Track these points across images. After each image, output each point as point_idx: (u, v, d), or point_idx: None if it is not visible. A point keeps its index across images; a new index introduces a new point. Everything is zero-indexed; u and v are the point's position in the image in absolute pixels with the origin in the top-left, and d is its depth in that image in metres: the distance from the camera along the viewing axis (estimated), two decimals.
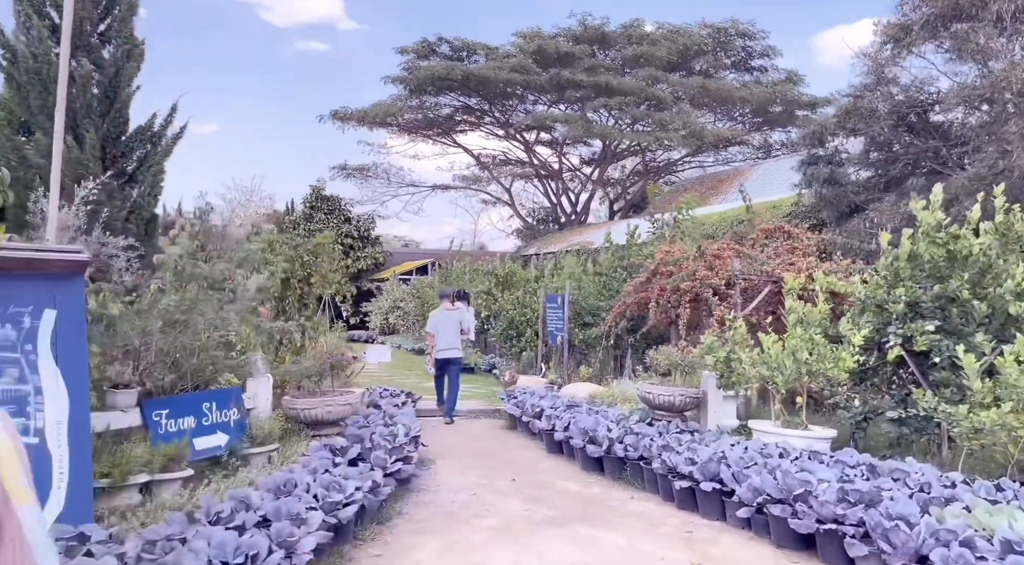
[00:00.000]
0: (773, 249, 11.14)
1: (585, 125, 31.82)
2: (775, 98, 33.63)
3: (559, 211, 42.47)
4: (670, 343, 11.48)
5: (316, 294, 7.79)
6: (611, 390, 10.25)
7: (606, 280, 13.37)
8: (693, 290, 10.09)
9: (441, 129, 40.96)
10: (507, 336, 16.15)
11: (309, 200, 36.03)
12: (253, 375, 6.93)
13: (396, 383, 15.09)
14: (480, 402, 12.11)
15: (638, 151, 41.85)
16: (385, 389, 10.59)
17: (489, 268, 18.61)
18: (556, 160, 42.29)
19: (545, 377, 12.89)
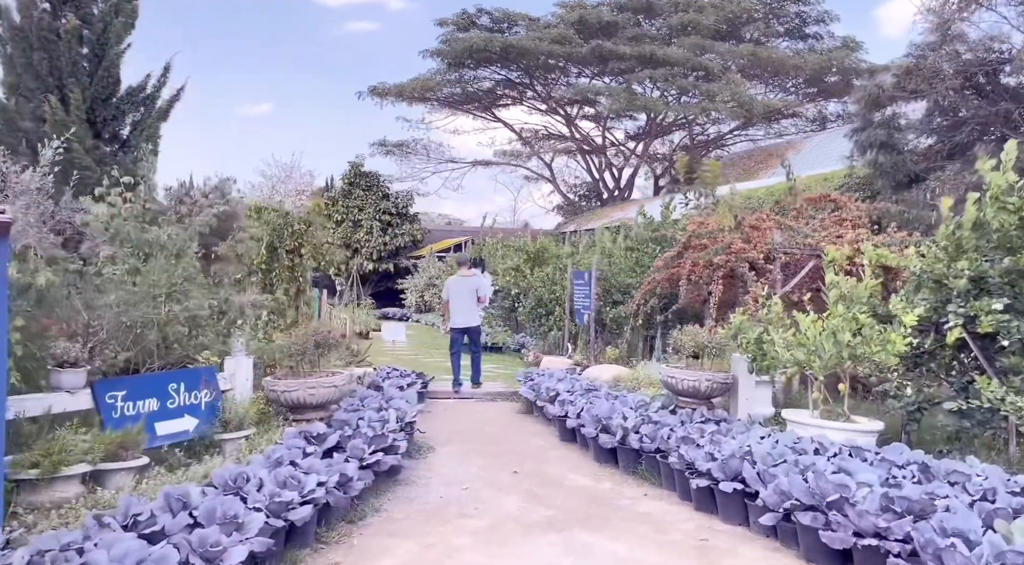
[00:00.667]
0: (819, 221, 10.15)
1: (629, 98, 30.64)
2: (831, 66, 31.86)
3: (601, 187, 41.37)
4: (704, 323, 10.61)
5: (309, 266, 7.15)
6: (636, 373, 9.46)
7: (638, 255, 12.51)
8: (727, 265, 9.20)
9: (481, 103, 40.15)
10: (535, 315, 15.42)
11: (348, 176, 35.70)
12: (232, 353, 6.35)
13: (419, 362, 14.54)
14: (501, 384, 11.44)
15: (684, 125, 40.40)
16: (394, 369, 9.99)
17: (520, 244, 17.86)
18: (599, 134, 41.12)
19: (571, 358, 12.15)
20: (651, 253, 12.08)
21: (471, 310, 10.68)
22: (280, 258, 6.98)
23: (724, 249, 9.35)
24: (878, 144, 14.14)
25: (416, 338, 20.43)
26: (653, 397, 7.78)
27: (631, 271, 12.55)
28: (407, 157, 40.65)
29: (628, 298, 12.03)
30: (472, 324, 10.74)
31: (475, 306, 10.72)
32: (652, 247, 12.18)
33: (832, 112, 38.62)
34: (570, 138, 40.22)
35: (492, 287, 12.43)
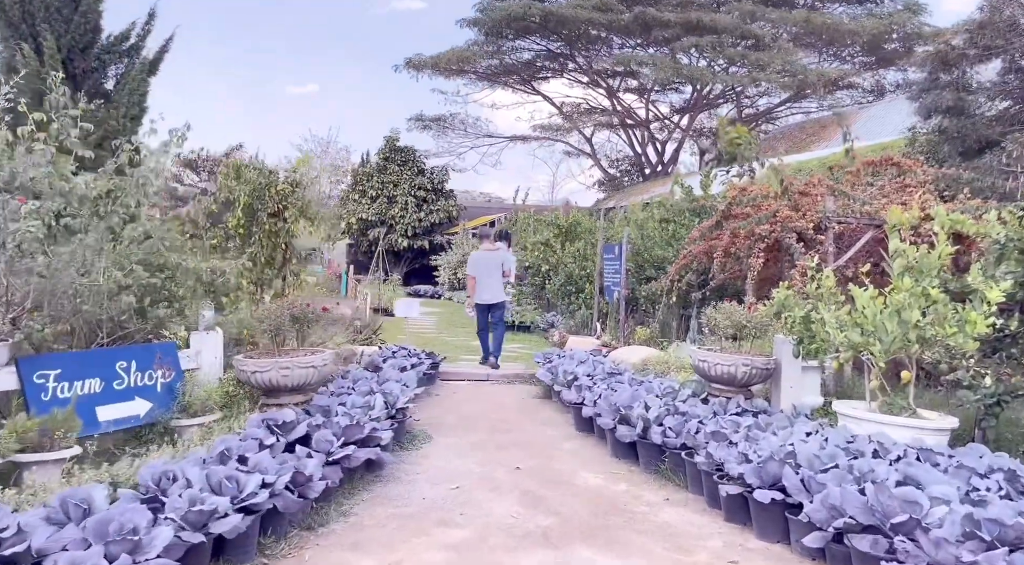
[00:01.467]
0: (878, 188, 9.01)
1: (674, 67, 29.27)
2: (891, 31, 29.95)
3: (644, 162, 40.00)
4: (744, 301, 9.59)
5: (292, 232, 6.36)
6: (667, 356, 8.52)
7: (674, 227, 11.48)
8: (772, 235, 8.15)
9: (521, 76, 39.07)
10: (565, 292, 14.50)
11: (383, 151, 35.06)
12: (198, 328, 5.61)
13: (441, 341, 13.78)
14: (522, 365, 10.59)
15: (732, 97, 38.72)
16: (402, 348, 9.20)
17: (551, 218, 16.91)
18: (642, 107, 39.72)
19: (599, 339, 11.23)
20: (688, 225, 11.05)
21: (497, 285, 10.22)
22: (260, 221, 6.19)
23: (768, 217, 8.30)
24: (945, 108, 12.80)
25: (445, 316, 19.70)
26: (683, 383, 6.85)
27: (666, 244, 11.54)
28: (444, 132, 39.86)
29: (662, 274, 11.04)
30: (497, 300, 10.28)
31: (500, 281, 10.28)
32: (689, 218, 11.15)
33: (891, 81, 36.56)
34: (612, 111, 38.91)
35: (515, 263, 11.61)
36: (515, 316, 15.82)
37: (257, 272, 6.21)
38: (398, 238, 33.78)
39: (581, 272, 14.17)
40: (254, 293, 6.33)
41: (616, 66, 34.04)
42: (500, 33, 33.53)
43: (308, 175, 6.37)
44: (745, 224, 8.38)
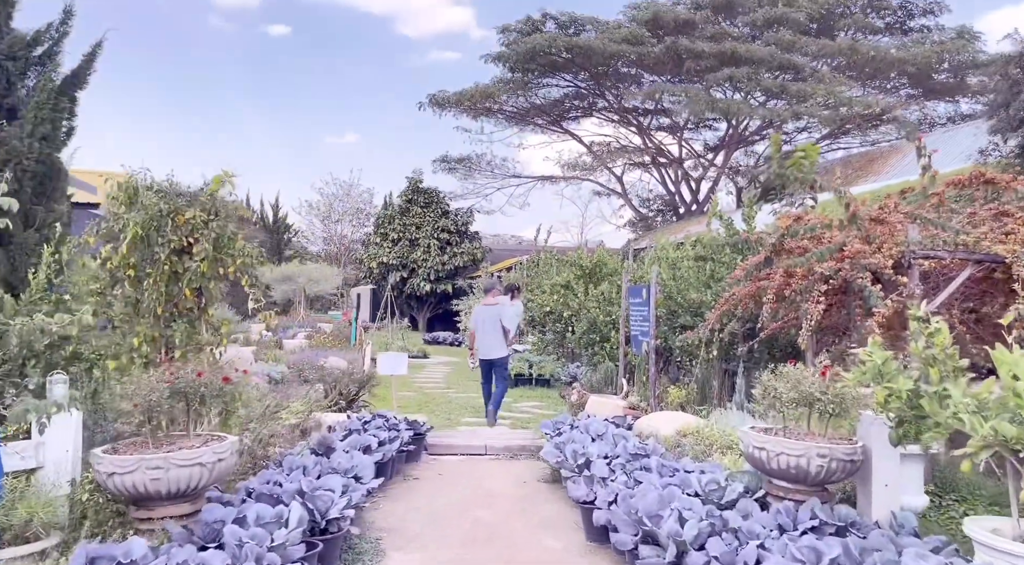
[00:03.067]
0: (966, 216, 7.18)
1: (707, 101, 27.67)
2: (943, 60, 28.05)
3: (678, 200, 38.27)
4: (805, 358, 7.76)
5: (207, 273, 4.77)
6: (709, 427, 6.70)
7: (712, 266, 9.71)
8: (838, 274, 6.36)
9: (549, 116, 37.88)
10: (588, 341, 12.74)
11: (406, 193, 33.92)
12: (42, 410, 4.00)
13: (445, 399, 12.09)
14: (531, 433, 8.81)
15: (768, 134, 37.00)
16: (379, 415, 7.46)
17: (574, 258, 15.25)
18: (675, 144, 38.14)
19: (625, 399, 9.43)
20: (729, 263, 9.28)
21: (494, 341, 9.73)
22: (157, 260, 4.61)
23: (832, 251, 6.52)
24: None
25: (460, 367, 18.00)
26: (730, 475, 5.03)
27: (703, 286, 9.77)
28: (470, 173, 38.65)
29: (699, 321, 9.25)
30: (495, 356, 9.75)
31: (499, 337, 9.76)
32: (731, 256, 9.38)
33: (941, 114, 34.58)
34: (643, 149, 37.38)
35: (518, 317, 10.68)
36: (534, 368, 14.08)
37: (148, 328, 4.61)
38: (420, 282, 32.38)
39: (606, 318, 12.42)
40: (155, 356, 4.72)
41: (647, 102, 32.63)
42: (526, 69, 32.40)
43: (230, 201, 4.72)
44: (802, 260, 6.59)
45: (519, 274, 21.23)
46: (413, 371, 16.40)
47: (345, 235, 36.18)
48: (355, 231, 36.60)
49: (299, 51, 74.32)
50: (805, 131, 36.35)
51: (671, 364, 10.26)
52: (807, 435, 4.65)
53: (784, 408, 4.62)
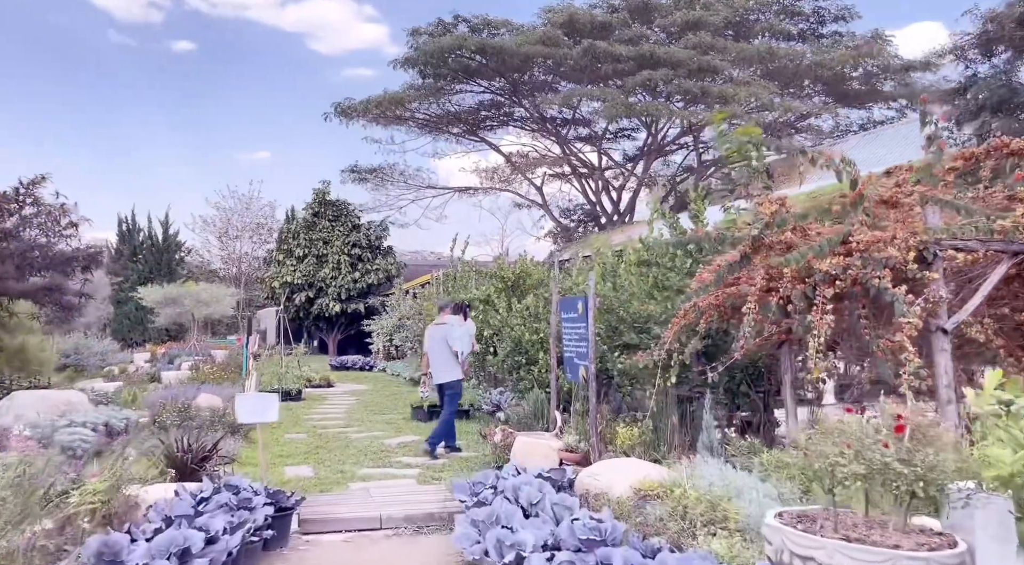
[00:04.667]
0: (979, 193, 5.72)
1: (625, 103, 26.48)
2: (858, 63, 27.76)
3: (599, 211, 37.13)
4: (783, 380, 6.18)
5: None
6: (680, 485, 4.96)
7: (657, 273, 8.05)
8: (847, 272, 4.77)
9: (465, 124, 36.17)
10: (513, 364, 10.96)
11: (312, 206, 31.46)
12: None
13: (342, 441, 10.02)
14: (445, 491, 6.89)
15: (688, 143, 36.41)
16: (227, 486, 5.36)
17: (493, 270, 13.47)
18: (595, 155, 37.04)
19: (558, 437, 7.65)
20: (679, 268, 7.64)
21: (444, 363, 9.32)
22: None
23: (834, 243, 4.92)
24: (993, 104, 9.86)
25: (370, 396, 15.88)
26: None
27: (647, 296, 8.12)
28: (383, 184, 36.48)
29: (647, 338, 7.58)
30: (442, 379, 9.36)
31: (449, 359, 9.26)
32: (682, 259, 7.74)
33: (854, 120, 34.68)
34: (564, 159, 36.07)
35: (470, 337, 9.59)
36: None
37: None
38: (329, 302, 29.93)
39: (533, 337, 10.68)
40: None
41: (564, 109, 31.34)
42: (438, 74, 30.62)
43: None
44: (797, 257, 4.96)
45: (434, 289, 19.28)
46: (311, 404, 14.22)
47: (246, 253, 33.40)
48: (256, 248, 33.85)
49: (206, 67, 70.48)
50: None
51: (611, 391, 8.56)
52: (870, 525, 2.92)
53: (837, 484, 2.88)
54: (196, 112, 70.80)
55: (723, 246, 6.46)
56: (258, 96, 73.38)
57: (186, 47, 70.92)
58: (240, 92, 72.24)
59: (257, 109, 73.64)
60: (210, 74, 70.05)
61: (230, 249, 33.13)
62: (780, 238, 5.47)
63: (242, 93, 72.09)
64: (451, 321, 9.48)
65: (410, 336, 22.17)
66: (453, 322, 9.48)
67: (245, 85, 72.99)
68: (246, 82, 73.08)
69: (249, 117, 74.54)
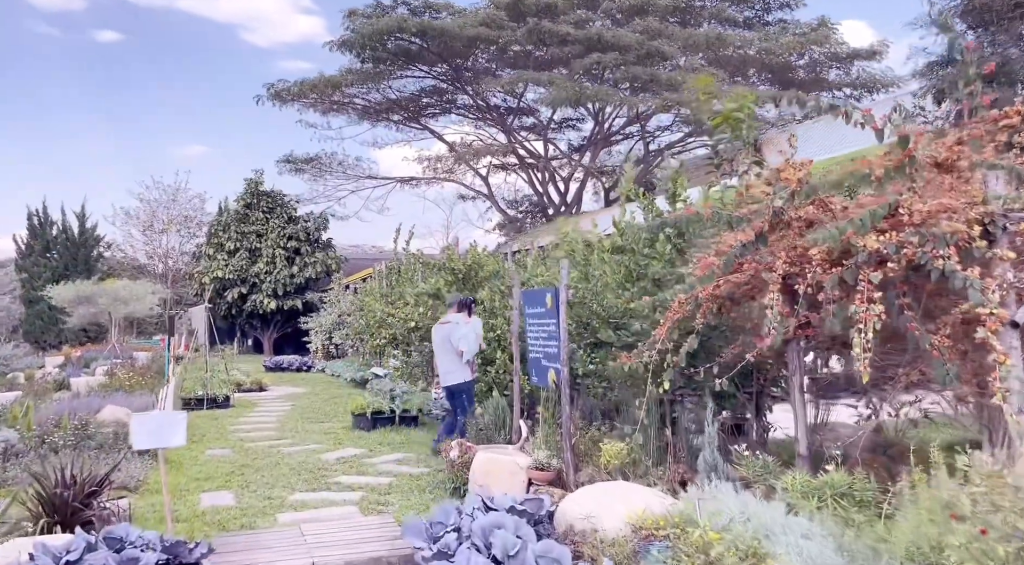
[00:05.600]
0: None
1: (574, 87, 25.53)
2: (804, 50, 27.46)
3: (546, 202, 36.23)
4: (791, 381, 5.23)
5: None
6: (689, 517, 3.95)
7: (633, 262, 7.04)
8: (902, 251, 3.82)
9: (407, 113, 34.77)
10: None
11: (244, 197, 29.64)
12: None
13: (274, 458, 8.77)
14: (393, 526, 5.75)
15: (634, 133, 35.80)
16: (110, 536, 4.11)
17: (442, 262, 12.29)
18: (539, 142, 36.09)
19: (524, 450, 6.59)
20: (663, 255, 6.63)
21: (448, 365, 8.68)
22: None
23: (877, 216, 3.96)
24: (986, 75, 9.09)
25: (309, 401, 14.55)
26: None
27: (619, 288, 7.12)
28: (320, 175, 34.79)
29: (625, 335, 6.57)
30: (450, 382, 8.68)
31: (455, 360, 8.57)
32: (662, 245, 6.73)
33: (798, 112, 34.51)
34: (510, 149, 34.97)
35: (476, 336, 8.60)
36: (398, 401, 10.96)
37: None
38: (264, 298, 28.24)
39: (488, 334, 9.57)
40: None
41: (509, 95, 30.28)
42: (377, 57, 29.15)
43: None
44: (830, 234, 3.99)
45: (376, 283, 17.99)
46: (240, 412, 12.84)
47: (173, 248, 31.32)
48: (184, 242, 31.80)
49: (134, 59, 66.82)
50: (668, 130, 35.44)
51: (580, 395, 7.53)
52: None
53: None
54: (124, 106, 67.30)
55: (718, 227, 5.49)
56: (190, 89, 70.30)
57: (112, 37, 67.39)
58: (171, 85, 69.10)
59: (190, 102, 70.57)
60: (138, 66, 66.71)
61: (155, 244, 30.97)
62: (799, 214, 4.50)
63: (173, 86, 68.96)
64: (456, 319, 8.67)
65: (351, 334, 20.81)
66: (458, 320, 8.64)
67: (176, 78, 69.81)
68: (177, 75, 69.91)
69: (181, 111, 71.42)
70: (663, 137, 36.00)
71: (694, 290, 4.97)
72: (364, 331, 17.03)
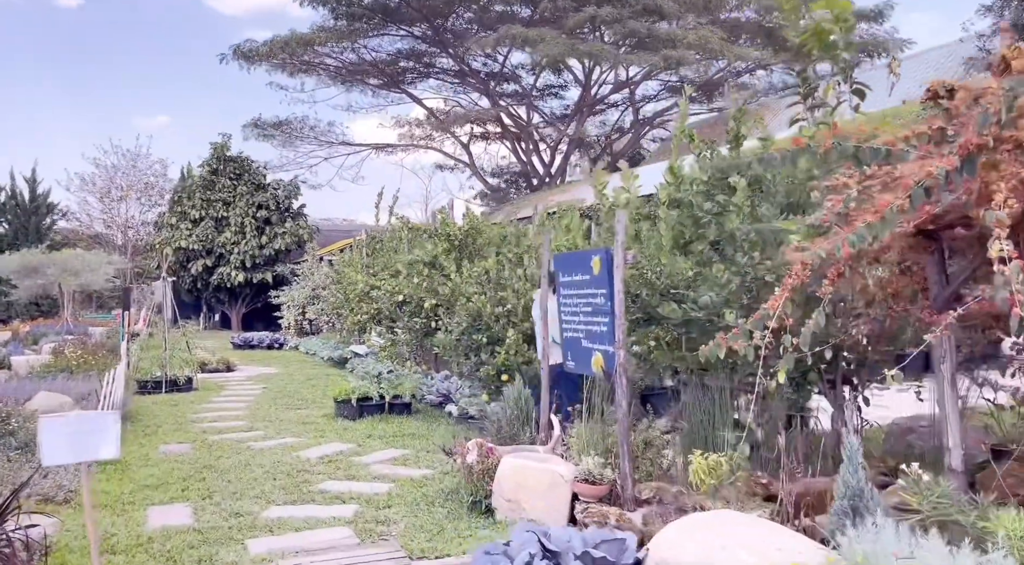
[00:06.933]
0: None
1: (568, 44, 23.89)
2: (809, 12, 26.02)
3: (530, 171, 34.68)
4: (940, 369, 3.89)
5: None
6: None
7: (690, 217, 5.60)
8: None
9: (384, 76, 32.87)
10: (470, 345, 8.42)
11: (209, 162, 27.67)
12: None
13: (243, 456, 7.29)
14: (398, 558, 4.34)
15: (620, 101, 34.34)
16: None
17: (435, 227, 10.78)
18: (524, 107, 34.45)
19: (560, 454, 5.21)
20: (743, 208, 5.20)
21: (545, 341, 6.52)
22: None
23: None
24: None
25: (283, 380, 13.05)
26: None
27: (679, 250, 5.73)
28: (291, 141, 32.82)
29: (696, 311, 5.17)
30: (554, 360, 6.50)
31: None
32: (741, 196, 5.29)
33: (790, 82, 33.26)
34: (492, 114, 33.24)
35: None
36: (385, 385, 9.48)
37: None
38: (232, 271, 26.43)
39: (496, 309, 8.15)
40: None
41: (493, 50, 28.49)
42: (351, 13, 27.22)
43: None
44: None
45: (357, 254, 16.41)
46: (205, 396, 11.30)
47: (133, 216, 29.28)
48: (145, 211, 29.77)
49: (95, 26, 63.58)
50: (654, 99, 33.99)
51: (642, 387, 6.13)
52: None
53: None
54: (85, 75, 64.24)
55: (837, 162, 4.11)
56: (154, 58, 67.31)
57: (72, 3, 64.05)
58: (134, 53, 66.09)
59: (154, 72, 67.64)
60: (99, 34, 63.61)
61: (114, 212, 28.90)
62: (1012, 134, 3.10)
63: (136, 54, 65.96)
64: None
65: (326, 308, 19.22)
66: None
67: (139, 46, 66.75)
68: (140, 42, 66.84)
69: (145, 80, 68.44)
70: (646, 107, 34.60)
71: (823, 243, 3.57)
72: (342, 306, 15.52)
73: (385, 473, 6.49)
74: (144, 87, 68.26)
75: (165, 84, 68.46)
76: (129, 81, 66.81)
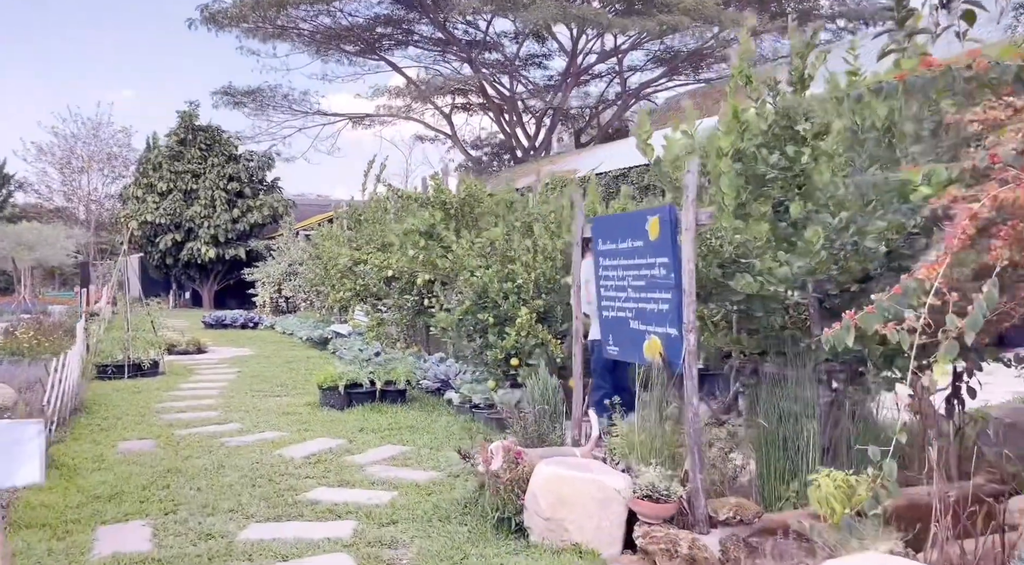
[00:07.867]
0: None
1: (558, 7, 22.67)
2: None
3: (514, 144, 33.51)
4: None
5: None
6: None
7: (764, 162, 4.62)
8: None
9: (361, 43, 31.38)
10: (474, 326, 7.42)
11: (177, 132, 26.16)
12: None
13: (217, 455, 6.23)
14: None
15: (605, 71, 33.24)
16: None
17: (427, 195, 9.70)
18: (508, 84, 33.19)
19: (603, 458, 4.24)
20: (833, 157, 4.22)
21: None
22: None
23: None
24: None
25: (259, 364, 11.98)
26: None
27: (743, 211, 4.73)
28: (263, 110, 31.27)
29: (775, 283, 4.20)
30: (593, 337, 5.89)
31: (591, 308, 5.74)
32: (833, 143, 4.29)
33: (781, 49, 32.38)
34: (476, 86, 31.90)
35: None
36: (376, 371, 8.43)
37: None
38: (202, 246, 25.08)
39: (503, 285, 7.14)
40: None
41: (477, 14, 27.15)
42: None
43: None
44: None
45: (338, 228, 15.25)
46: (172, 382, 10.20)
47: (95, 189, 27.71)
48: (109, 184, 28.19)
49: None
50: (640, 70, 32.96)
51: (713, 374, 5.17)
52: None
53: None
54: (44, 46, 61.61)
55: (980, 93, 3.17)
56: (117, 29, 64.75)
57: None
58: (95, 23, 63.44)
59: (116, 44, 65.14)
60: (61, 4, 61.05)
61: (75, 184, 27.29)
62: None
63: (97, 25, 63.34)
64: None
65: (304, 285, 18.06)
66: None
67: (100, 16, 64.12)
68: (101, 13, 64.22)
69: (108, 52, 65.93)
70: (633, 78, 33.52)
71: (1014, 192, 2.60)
72: (322, 282, 14.41)
73: (385, 477, 5.48)
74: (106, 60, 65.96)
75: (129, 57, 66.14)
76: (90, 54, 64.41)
